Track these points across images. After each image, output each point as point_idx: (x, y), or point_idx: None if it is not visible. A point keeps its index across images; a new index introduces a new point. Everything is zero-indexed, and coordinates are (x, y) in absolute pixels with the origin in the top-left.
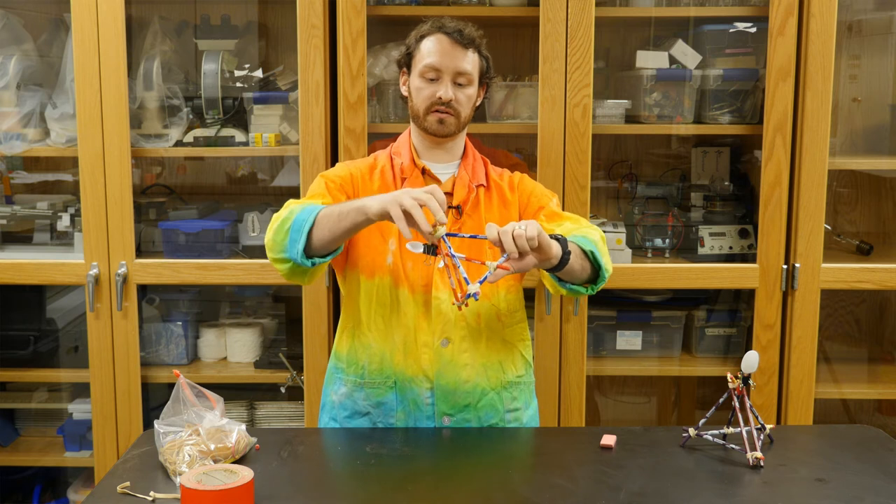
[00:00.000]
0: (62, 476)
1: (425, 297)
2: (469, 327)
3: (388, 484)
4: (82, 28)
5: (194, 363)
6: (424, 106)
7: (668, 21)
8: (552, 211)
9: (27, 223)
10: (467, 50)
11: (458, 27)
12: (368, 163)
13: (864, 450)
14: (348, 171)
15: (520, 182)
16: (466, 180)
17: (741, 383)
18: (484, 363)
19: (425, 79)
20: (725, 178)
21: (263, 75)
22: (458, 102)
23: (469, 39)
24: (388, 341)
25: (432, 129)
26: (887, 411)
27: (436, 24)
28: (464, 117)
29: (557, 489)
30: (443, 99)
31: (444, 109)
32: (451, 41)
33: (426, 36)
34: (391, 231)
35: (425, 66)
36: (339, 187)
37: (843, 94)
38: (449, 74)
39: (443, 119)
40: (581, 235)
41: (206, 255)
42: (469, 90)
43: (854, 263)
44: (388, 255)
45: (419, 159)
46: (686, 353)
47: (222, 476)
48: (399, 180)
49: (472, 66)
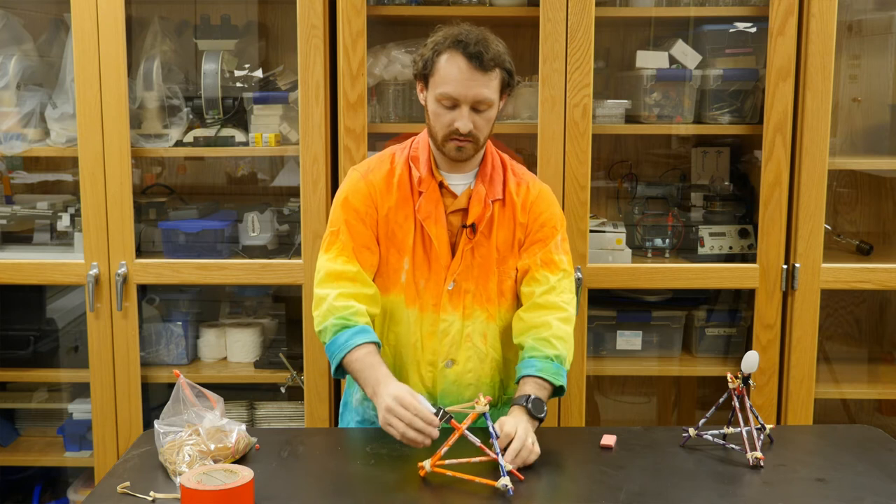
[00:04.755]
0: (62, 476)
1: (433, 318)
2: (475, 348)
3: (388, 484)
4: (82, 28)
5: (194, 363)
6: (442, 134)
7: (668, 21)
8: (549, 257)
9: (27, 223)
10: (488, 73)
11: (478, 49)
12: (385, 171)
13: (864, 450)
14: (367, 192)
15: (533, 204)
16: (483, 195)
17: (741, 383)
18: (488, 382)
19: (442, 105)
20: (725, 178)
21: (263, 75)
22: (478, 129)
23: (490, 63)
24: (397, 357)
25: (451, 155)
26: (887, 411)
27: (456, 38)
28: (483, 139)
29: (557, 489)
30: (461, 131)
31: (462, 138)
32: (470, 67)
33: (443, 52)
34: (406, 249)
35: (441, 94)
36: (360, 220)
37: (843, 94)
38: (468, 103)
39: (461, 146)
40: (549, 346)
41: (206, 255)
42: (489, 113)
43: (854, 263)
44: (403, 274)
45: (437, 171)
46: (686, 353)
47: (222, 476)
48: (416, 193)
49: (493, 89)
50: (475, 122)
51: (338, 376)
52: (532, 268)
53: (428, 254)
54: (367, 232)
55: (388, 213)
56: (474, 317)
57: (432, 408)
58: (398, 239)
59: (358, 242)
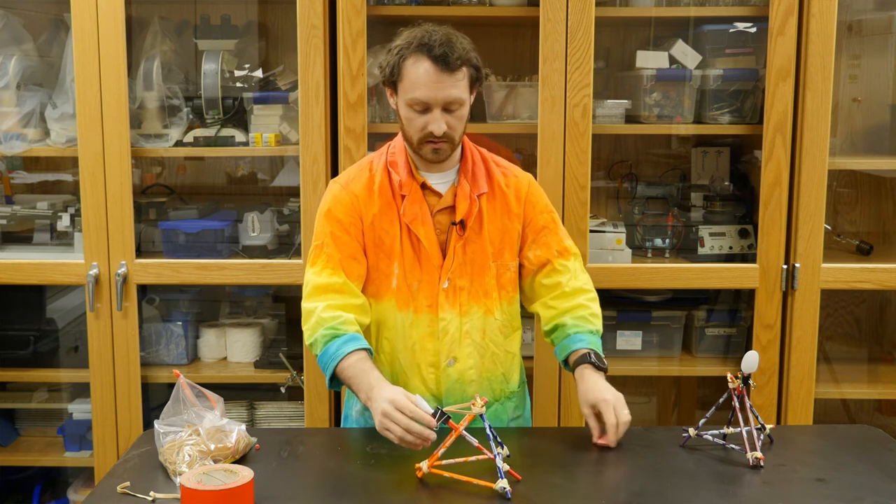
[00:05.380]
0: (62, 476)
1: (431, 318)
2: (475, 344)
3: (388, 484)
4: (82, 28)
5: (194, 363)
6: (417, 138)
7: (668, 21)
8: (562, 246)
9: (27, 223)
10: (455, 73)
11: (443, 51)
12: (365, 179)
13: (864, 450)
14: (350, 203)
15: (528, 194)
16: (468, 191)
17: (741, 383)
18: (489, 377)
19: (414, 110)
20: (725, 178)
21: (263, 75)
22: (452, 129)
23: (457, 63)
24: (395, 364)
25: (428, 157)
26: (887, 411)
27: (420, 41)
28: (458, 138)
29: (557, 489)
30: (435, 134)
31: (438, 140)
32: (437, 70)
33: (408, 57)
34: (395, 254)
35: (412, 99)
36: (345, 230)
37: (843, 94)
38: (438, 106)
39: (438, 149)
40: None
41: (206, 255)
42: (461, 112)
43: (854, 263)
44: (393, 279)
45: (418, 172)
46: (686, 353)
47: (222, 476)
48: (398, 197)
49: (462, 88)
50: (448, 122)
51: (333, 387)
52: (551, 259)
53: (418, 255)
54: (352, 242)
55: (373, 220)
56: (471, 313)
57: (430, 408)
58: (386, 245)
59: (344, 253)
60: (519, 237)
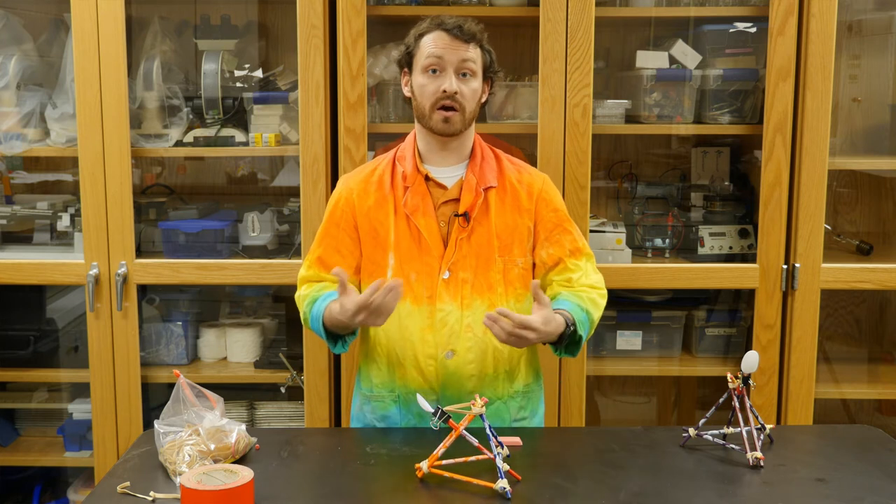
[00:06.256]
0: (62, 476)
1: (430, 309)
2: (476, 338)
3: (388, 484)
4: (82, 28)
5: (194, 363)
6: (430, 102)
7: (668, 21)
8: (575, 246)
9: (27, 223)
10: (468, 44)
11: (457, 23)
12: (365, 173)
13: (864, 450)
14: (345, 196)
15: (541, 191)
16: (474, 184)
17: (741, 383)
18: (491, 374)
19: (428, 73)
20: (725, 178)
21: (263, 75)
22: (463, 96)
23: (470, 34)
24: (392, 355)
25: (438, 128)
26: (887, 411)
27: (434, 21)
28: (469, 112)
29: (557, 489)
30: (447, 91)
31: (450, 104)
32: (452, 37)
33: (425, 34)
34: (389, 244)
35: (427, 58)
36: (335, 224)
37: (843, 94)
38: (452, 66)
39: (448, 118)
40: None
41: (206, 255)
42: (473, 83)
43: (854, 263)
44: (388, 270)
45: (422, 165)
46: (686, 353)
47: (222, 476)
48: (402, 188)
49: (476, 59)
50: (461, 88)
51: (338, 350)
52: (563, 258)
53: (418, 246)
54: (340, 234)
55: (367, 211)
56: (474, 306)
57: (430, 407)
58: (381, 236)
59: (330, 248)
60: (530, 234)
